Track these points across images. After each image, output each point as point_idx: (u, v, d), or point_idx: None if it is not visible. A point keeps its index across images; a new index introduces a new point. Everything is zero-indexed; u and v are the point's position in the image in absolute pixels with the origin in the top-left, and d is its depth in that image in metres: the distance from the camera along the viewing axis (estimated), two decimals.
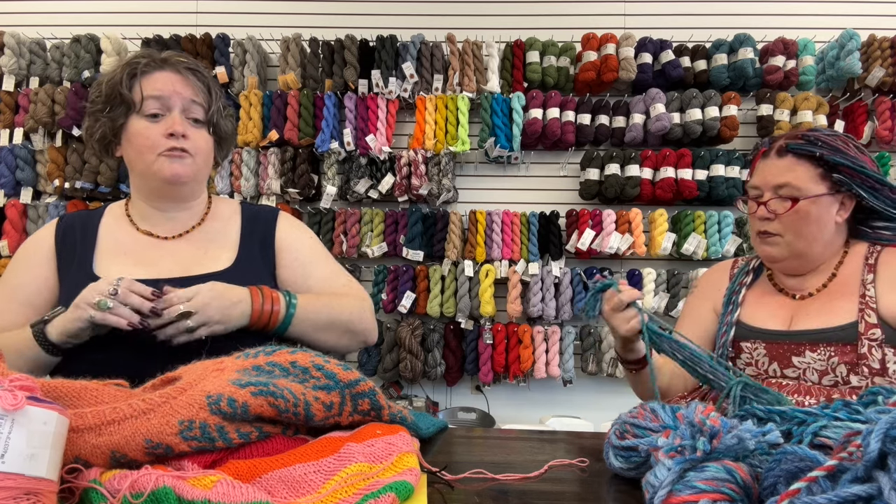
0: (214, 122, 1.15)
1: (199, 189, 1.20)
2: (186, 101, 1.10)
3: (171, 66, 1.10)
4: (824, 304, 1.16)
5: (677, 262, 2.92)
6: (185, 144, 1.09)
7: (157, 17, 3.04)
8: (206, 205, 1.24)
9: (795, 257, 1.19)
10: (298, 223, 1.31)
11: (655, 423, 0.74)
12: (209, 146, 1.15)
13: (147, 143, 1.08)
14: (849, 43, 2.76)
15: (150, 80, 1.08)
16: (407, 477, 0.62)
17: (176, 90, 1.09)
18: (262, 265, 1.19)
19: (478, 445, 0.96)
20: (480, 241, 2.81)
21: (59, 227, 1.17)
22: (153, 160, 1.08)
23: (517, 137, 2.82)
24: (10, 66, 2.88)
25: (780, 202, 1.16)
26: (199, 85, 1.12)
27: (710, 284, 1.36)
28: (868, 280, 1.14)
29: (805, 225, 1.15)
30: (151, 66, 1.09)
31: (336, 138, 2.83)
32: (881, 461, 0.47)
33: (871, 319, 1.10)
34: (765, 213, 1.18)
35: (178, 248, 1.16)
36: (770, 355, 1.17)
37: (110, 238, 1.16)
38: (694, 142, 2.84)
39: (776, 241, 1.19)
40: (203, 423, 0.64)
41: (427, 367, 2.77)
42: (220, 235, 1.20)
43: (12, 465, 0.49)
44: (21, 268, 1.14)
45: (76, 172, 2.83)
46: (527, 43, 2.89)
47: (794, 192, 1.15)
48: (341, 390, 0.75)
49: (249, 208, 1.28)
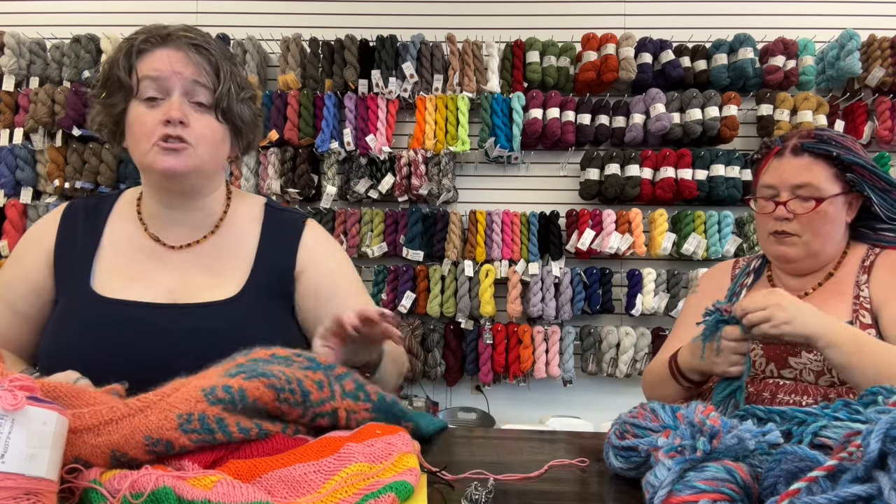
0: (225, 107, 0.98)
1: (207, 185, 1.04)
2: (188, 83, 0.95)
3: (174, 42, 0.95)
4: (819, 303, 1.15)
5: (677, 262, 2.92)
6: (182, 132, 0.94)
7: (156, 18, 3.00)
8: (224, 203, 1.09)
9: (811, 257, 1.19)
10: (326, 237, 1.15)
11: (655, 423, 0.74)
12: (216, 134, 0.99)
13: (142, 130, 0.94)
14: (849, 43, 2.76)
15: (149, 59, 0.95)
16: (407, 477, 0.62)
17: (175, 70, 0.94)
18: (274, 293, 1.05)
19: (478, 445, 0.96)
20: (480, 241, 2.81)
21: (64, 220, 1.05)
22: (147, 150, 0.94)
23: (517, 137, 2.82)
24: (10, 66, 2.88)
25: (801, 202, 1.15)
26: (205, 63, 0.96)
27: (712, 284, 1.35)
28: (862, 281, 1.15)
29: (822, 225, 1.15)
30: (150, 44, 0.95)
31: (336, 138, 2.83)
32: (881, 461, 0.47)
33: (865, 320, 1.10)
34: (784, 213, 1.16)
35: (183, 264, 1.03)
36: (767, 356, 1.17)
37: (115, 239, 1.04)
38: (694, 142, 2.84)
39: (794, 242, 1.18)
40: (202, 414, 0.63)
41: (427, 367, 2.77)
42: (233, 251, 1.05)
43: (12, 465, 0.49)
44: (15, 264, 1.04)
45: (76, 172, 2.83)
46: (527, 43, 2.89)
47: (815, 192, 1.14)
48: (324, 371, 0.77)
49: (274, 214, 1.12)
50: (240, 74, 1.03)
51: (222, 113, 0.99)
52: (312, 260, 1.08)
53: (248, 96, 1.05)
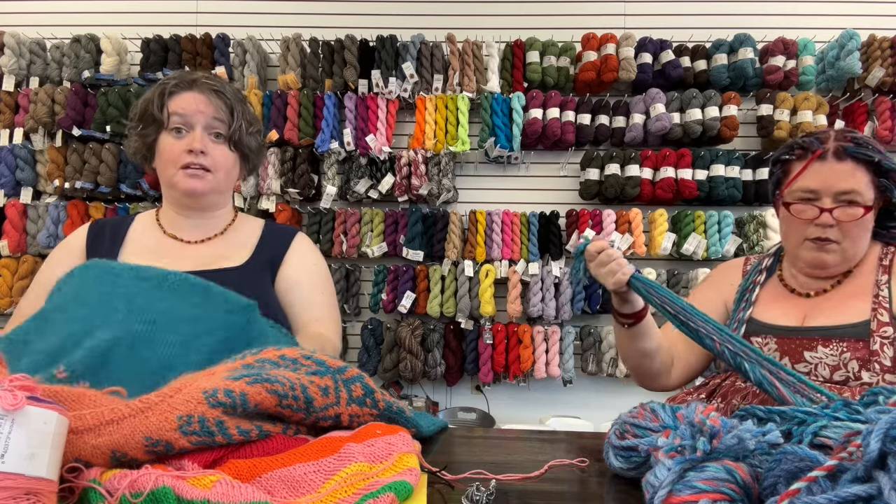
0: (236, 140, 1.23)
1: (221, 200, 1.29)
2: (209, 119, 1.19)
3: (198, 87, 1.20)
4: (838, 302, 1.17)
5: (677, 263, 2.92)
6: (203, 161, 1.18)
7: (157, 17, 3.04)
8: (232, 217, 1.33)
9: (845, 263, 1.18)
10: (313, 248, 1.38)
11: (655, 423, 0.74)
12: (229, 161, 1.24)
13: (171, 157, 1.18)
14: (849, 43, 2.76)
15: (178, 99, 1.18)
16: (406, 477, 0.62)
17: (199, 109, 1.18)
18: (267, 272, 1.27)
19: (478, 445, 0.96)
20: (480, 241, 2.81)
21: (91, 229, 1.27)
22: (174, 173, 1.18)
23: (517, 137, 2.82)
24: (10, 66, 2.88)
25: (846, 209, 1.12)
26: (222, 105, 1.20)
27: (723, 278, 1.36)
28: (882, 280, 1.15)
29: (862, 232, 1.14)
30: (179, 87, 1.19)
31: (336, 138, 2.83)
32: (881, 461, 0.47)
33: (883, 318, 1.10)
34: (830, 220, 1.13)
35: (200, 250, 1.25)
36: (782, 350, 1.17)
37: (137, 240, 1.25)
38: (694, 142, 2.84)
39: (833, 249, 1.15)
40: (202, 416, 0.63)
41: (427, 367, 2.77)
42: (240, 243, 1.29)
43: (12, 464, 0.49)
44: (50, 265, 1.22)
45: (76, 172, 2.83)
46: (527, 43, 2.89)
47: (859, 199, 1.11)
48: (332, 375, 0.76)
49: (272, 226, 1.37)
50: (249, 112, 1.27)
51: (235, 144, 1.23)
52: (295, 257, 1.31)
53: (255, 130, 1.29)
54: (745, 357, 0.94)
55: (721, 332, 0.99)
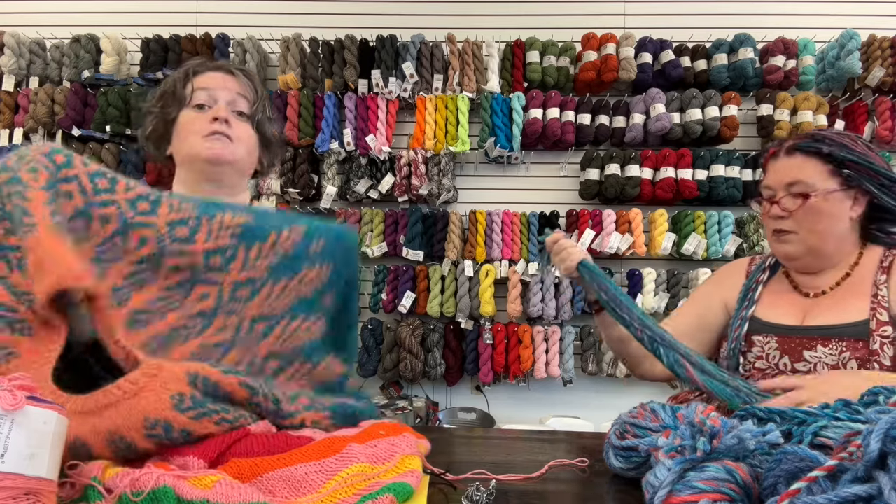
0: (258, 120, 1.22)
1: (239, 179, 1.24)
2: (232, 94, 1.18)
3: (222, 68, 1.21)
4: (837, 301, 1.19)
5: (677, 263, 2.91)
6: (227, 130, 1.15)
7: (157, 17, 3.04)
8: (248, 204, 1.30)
9: (811, 254, 1.21)
10: None
11: (655, 423, 0.74)
12: (252, 140, 1.21)
13: (192, 128, 1.15)
14: (849, 43, 2.76)
15: (203, 77, 1.19)
16: (407, 478, 0.62)
17: (225, 85, 1.18)
18: None
19: (478, 446, 0.96)
20: (480, 241, 2.81)
21: None
22: (196, 141, 1.14)
23: (517, 137, 2.82)
24: (10, 66, 2.88)
25: (792, 199, 1.19)
26: (247, 82, 1.21)
27: (725, 277, 1.39)
28: (881, 281, 1.17)
29: (818, 220, 1.18)
30: (205, 67, 1.21)
31: (336, 138, 2.83)
32: (881, 461, 0.47)
33: (882, 318, 1.12)
34: (778, 211, 1.20)
35: None
36: (782, 349, 1.19)
37: None
38: (694, 142, 2.84)
39: (790, 239, 1.21)
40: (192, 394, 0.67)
41: (427, 367, 2.77)
42: None
43: (12, 464, 0.49)
44: None
45: None
46: (527, 43, 2.89)
47: (805, 189, 1.17)
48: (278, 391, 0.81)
49: None
50: (269, 100, 1.27)
51: (257, 124, 1.22)
52: None
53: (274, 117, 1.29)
54: (660, 342, 1.08)
55: (643, 320, 1.12)
